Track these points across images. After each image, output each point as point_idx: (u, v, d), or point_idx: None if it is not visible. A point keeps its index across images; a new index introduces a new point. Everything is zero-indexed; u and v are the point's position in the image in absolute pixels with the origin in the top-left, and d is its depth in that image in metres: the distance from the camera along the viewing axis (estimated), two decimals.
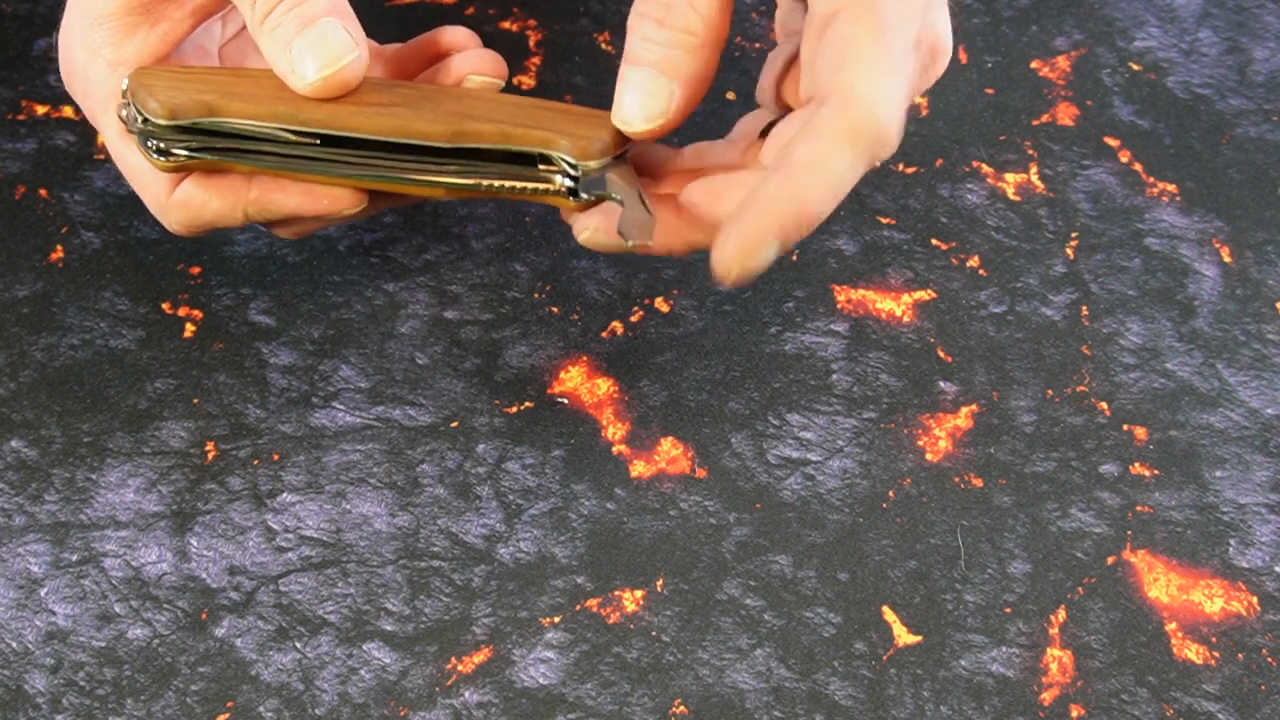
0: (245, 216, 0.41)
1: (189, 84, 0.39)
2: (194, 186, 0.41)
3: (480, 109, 0.39)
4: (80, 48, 0.41)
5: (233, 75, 0.41)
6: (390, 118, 0.38)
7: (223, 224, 0.42)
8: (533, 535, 0.44)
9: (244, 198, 0.41)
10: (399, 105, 0.39)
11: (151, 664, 0.41)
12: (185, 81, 0.39)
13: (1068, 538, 0.45)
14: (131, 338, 0.48)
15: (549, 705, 0.41)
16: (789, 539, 0.45)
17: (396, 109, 0.39)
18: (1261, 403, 0.48)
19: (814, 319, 0.50)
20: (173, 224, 0.42)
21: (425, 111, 0.39)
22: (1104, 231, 0.53)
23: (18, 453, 0.45)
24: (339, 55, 0.38)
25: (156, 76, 0.39)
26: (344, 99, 0.39)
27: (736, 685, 0.42)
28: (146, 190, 0.42)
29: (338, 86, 0.39)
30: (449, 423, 0.47)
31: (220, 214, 0.41)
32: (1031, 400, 0.48)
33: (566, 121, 0.39)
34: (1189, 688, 0.42)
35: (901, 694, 0.42)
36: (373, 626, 0.42)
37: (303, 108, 0.39)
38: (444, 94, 0.41)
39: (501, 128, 0.39)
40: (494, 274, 0.50)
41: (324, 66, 0.38)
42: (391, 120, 0.38)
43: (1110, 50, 0.59)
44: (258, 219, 0.42)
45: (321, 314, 0.49)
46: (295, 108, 0.39)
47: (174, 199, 0.41)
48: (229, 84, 0.40)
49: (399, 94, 0.40)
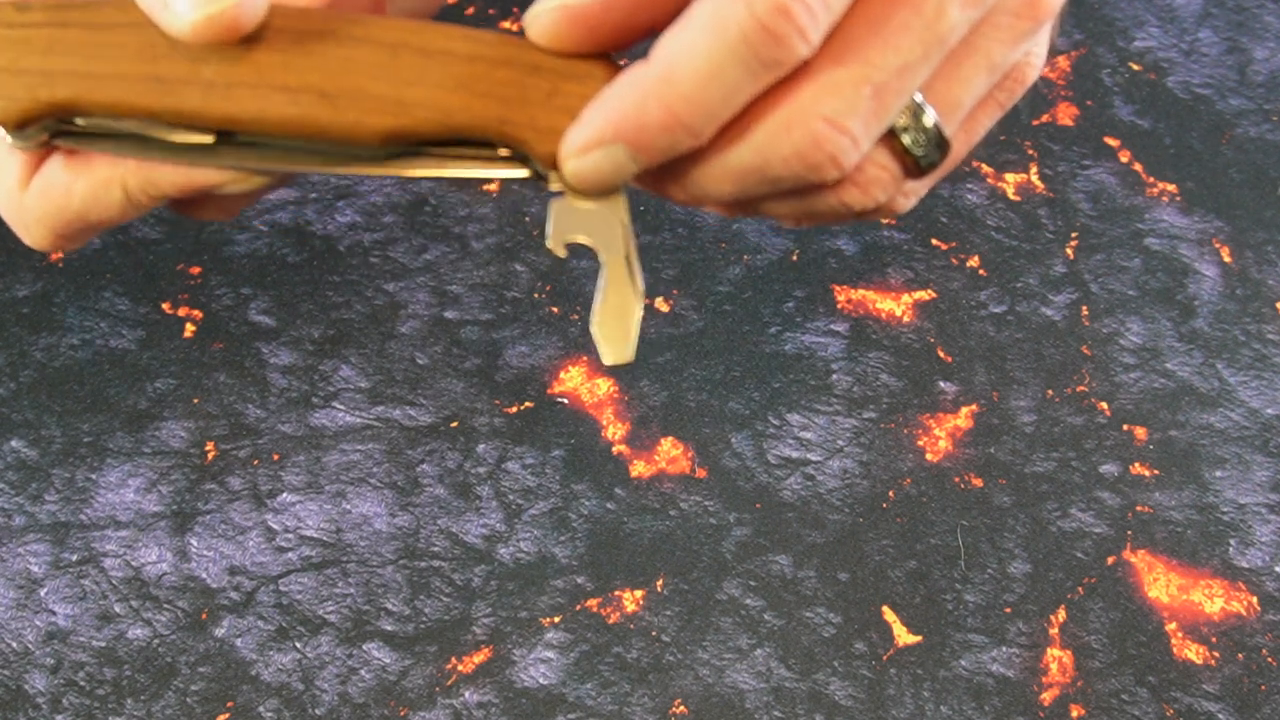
0: (125, 195, 0.32)
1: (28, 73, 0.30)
2: (55, 169, 0.32)
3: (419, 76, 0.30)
4: None
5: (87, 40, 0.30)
6: (300, 114, 0.30)
7: (97, 215, 0.32)
8: (533, 535, 0.44)
9: (120, 168, 0.32)
10: (308, 91, 0.30)
11: (151, 664, 0.41)
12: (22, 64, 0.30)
13: (1068, 538, 0.45)
14: (131, 338, 0.48)
15: (549, 705, 0.41)
16: (789, 539, 0.45)
17: (305, 98, 0.30)
18: (1261, 403, 0.48)
19: (814, 319, 0.50)
20: (32, 226, 0.32)
21: (345, 104, 0.30)
22: (1104, 231, 0.53)
23: (18, 453, 0.45)
24: None
25: None
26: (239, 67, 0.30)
27: (736, 685, 0.42)
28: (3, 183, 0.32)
29: (225, 28, 0.30)
30: (449, 423, 0.47)
31: (92, 198, 0.32)
32: (1031, 400, 0.48)
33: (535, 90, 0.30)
34: (1189, 688, 0.42)
35: (901, 694, 0.42)
36: (373, 626, 0.42)
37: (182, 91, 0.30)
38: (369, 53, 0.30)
39: (445, 116, 0.30)
40: (494, 274, 0.50)
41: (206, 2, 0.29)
42: (302, 117, 0.30)
43: (1110, 50, 0.59)
44: (141, 199, 0.32)
45: (321, 314, 0.49)
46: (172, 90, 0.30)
47: (31, 190, 0.32)
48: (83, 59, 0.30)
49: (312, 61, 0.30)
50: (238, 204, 0.34)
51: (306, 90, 0.30)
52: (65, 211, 0.32)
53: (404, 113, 0.30)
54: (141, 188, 0.32)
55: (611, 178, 0.28)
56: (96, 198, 0.32)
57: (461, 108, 0.30)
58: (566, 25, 0.30)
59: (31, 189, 0.32)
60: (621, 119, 0.27)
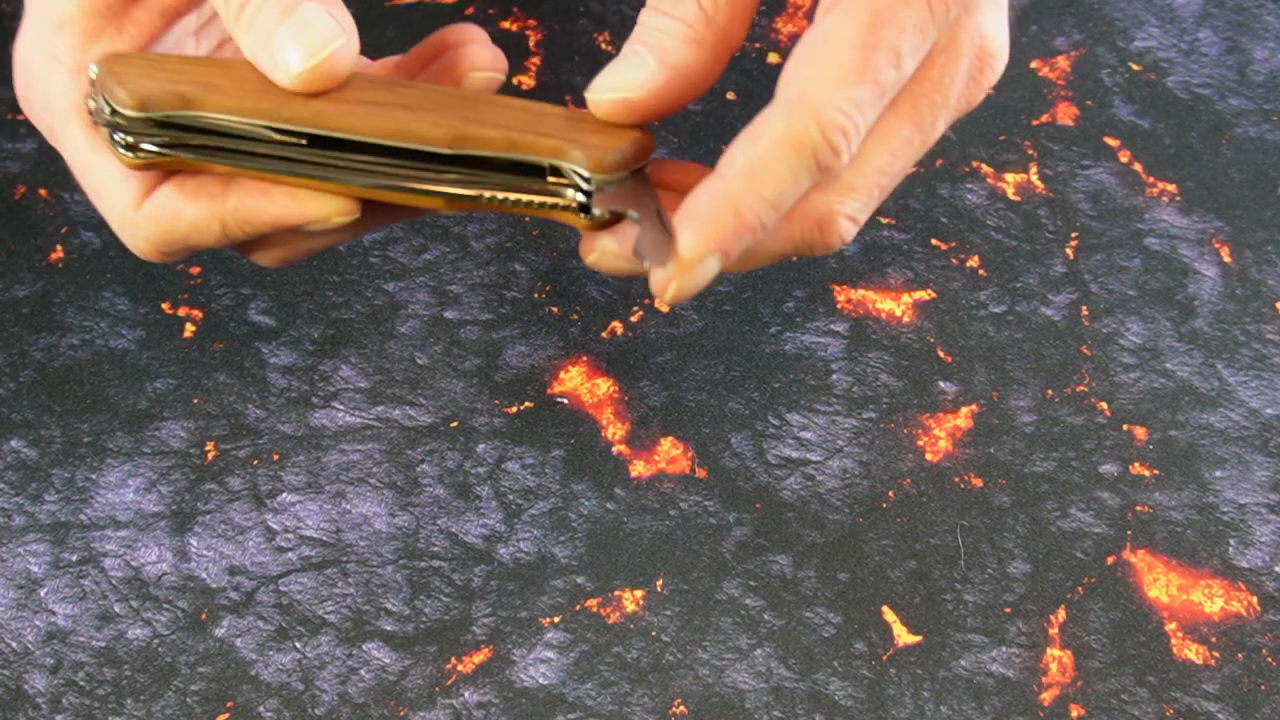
0: (222, 229, 0.37)
1: (163, 73, 0.36)
2: (166, 196, 0.37)
3: (486, 113, 0.36)
4: (39, 56, 0.38)
5: (212, 66, 0.37)
6: (385, 119, 0.35)
7: (196, 240, 0.38)
8: (533, 535, 0.44)
9: (221, 206, 0.37)
10: (395, 105, 0.36)
11: (151, 664, 0.41)
12: (159, 70, 0.36)
13: (1068, 538, 0.45)
14: (131, 338, 0.48)
15: (549, 705, 0.41)
16: (789, 539, 0.45)
17: (392, 109, 0.36)
18: (1261, 403, 0.48)
19: (814, 319, 0.50)
20: (141, 242, 0.38)
21: (425, 114, 0.36)
22: (1104, 231, 0.53)
23: (18, 453, 0.45)
24: (325, 41, 0.35)
25: (128, 63, 0.36)
26: (335, 95, 0.36)
27: (736, 685, 0.42)
28: (113, 204, 0.38)
29: (326, 77, 0.35)
30: (449, 423, 0.47)
31: (194, 226, 0.37)
32: (1031, 400, 0.48)
33: (581, 130, 0.36)
34: (1189, 688, 0.42)
35: (901, 694, 0.42)
36: (373, 626, 0.42)
37: (288, 104, 0.35)
38: (446, 95, 0.37)
39: (508, 134, 0.36)
40: (494, 274, 0.50)
41: (310, 55, 0.35)
42: (386, 121, 0.36)
43: (1110, 50, 0.59)
44: (236, 233, 0.38)
45: (321, 314, 0.49)
46: (280, 103, 0.35)
47: (143, 211, 0.37)
48: (207, 75, 0.36)
49: (396, 93, 0.37)
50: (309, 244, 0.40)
51: (392, 105, 0.36)
52: (171, 234, 0.38)
53: (474, 125, 0.36)
54: (237, 223, 0.37)
55: (706, 282, 0.32)
56: (198, 227, 0.37)
57: (524, 130, 0.36)
58: (625, 113, 0.35)
59: (144, 210, 0.37)
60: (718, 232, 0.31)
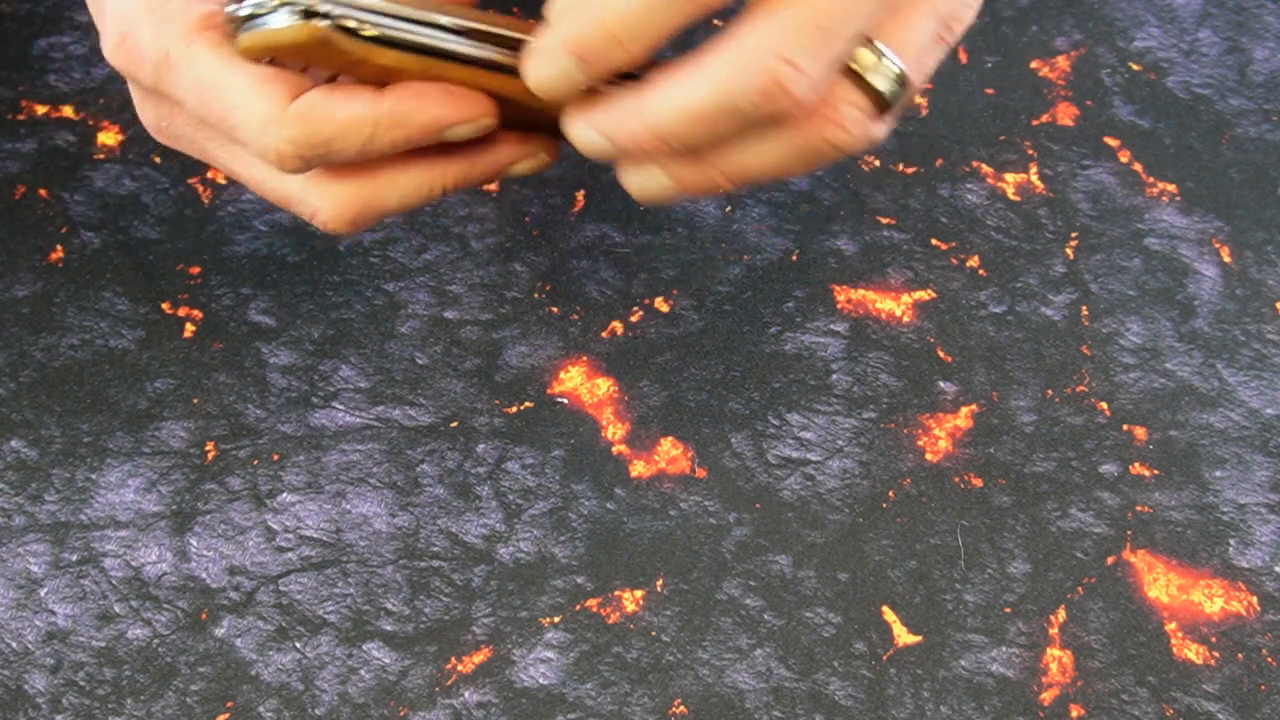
0: (373, 133, 0.36)
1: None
2: (317, 97, 0.36)
3: None
4: None
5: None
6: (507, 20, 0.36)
7: (340, 145, 0.36)
8: (533, 535, 0.44)
9: (377, 108, 0.36)
10: None
11: (151, 664, 0.41)
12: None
13: (1068, 538, 0.45)
14: (131, 338, 0.48)
15: (549, 705, 0.41)
16: (789, 539, 0.45)
17: None
18: (1261, 403, 0.48)
19: (814, 319, 0.50)
20: (283, 143, 0.36)
21: None
22: (1104, 231, 0.53)
23: (18, 453, 0.45)
24: None
25: None
26: None
27: (736, 685, 0.42)
28: (253, 110, 0.36)
29: None
30: (449, 423, 0.47)
31: (345, 128, 0.36)
32: (1031, 400, 0.48)
33: None
34: (1189, 688, 0.42)
35: (901, 694, 0.42)
36: (373, 626, 0.42)
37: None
38: None
39: None
40: (494, 274, 0.50)
41: None
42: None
43: (1110, 50, 0.59)
44: (384, 139, 0.36)
45: (321, 314, 0.49)
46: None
47: (292, 110, 0.35)
48: None
49: None
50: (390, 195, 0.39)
51: None
52: (319, 134, 0.35)
53: None
54: (390, 126, 0.36)
55: (563, 82, 0.32)
56: (348, 129, 0.35)
57: None
58: None
59: (293, 109, 0.35)
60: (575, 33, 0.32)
